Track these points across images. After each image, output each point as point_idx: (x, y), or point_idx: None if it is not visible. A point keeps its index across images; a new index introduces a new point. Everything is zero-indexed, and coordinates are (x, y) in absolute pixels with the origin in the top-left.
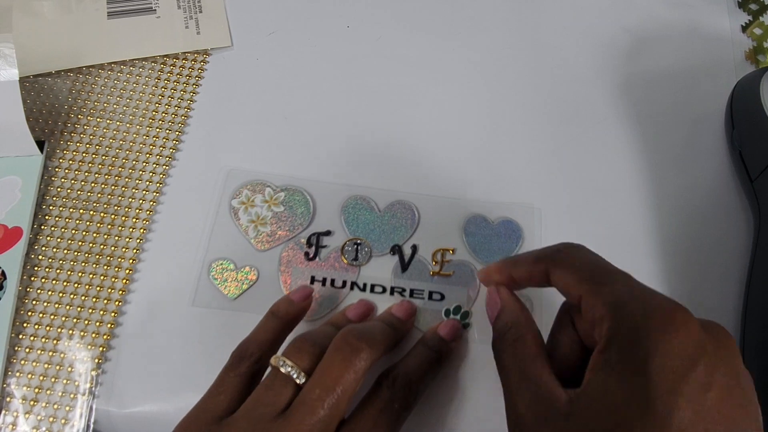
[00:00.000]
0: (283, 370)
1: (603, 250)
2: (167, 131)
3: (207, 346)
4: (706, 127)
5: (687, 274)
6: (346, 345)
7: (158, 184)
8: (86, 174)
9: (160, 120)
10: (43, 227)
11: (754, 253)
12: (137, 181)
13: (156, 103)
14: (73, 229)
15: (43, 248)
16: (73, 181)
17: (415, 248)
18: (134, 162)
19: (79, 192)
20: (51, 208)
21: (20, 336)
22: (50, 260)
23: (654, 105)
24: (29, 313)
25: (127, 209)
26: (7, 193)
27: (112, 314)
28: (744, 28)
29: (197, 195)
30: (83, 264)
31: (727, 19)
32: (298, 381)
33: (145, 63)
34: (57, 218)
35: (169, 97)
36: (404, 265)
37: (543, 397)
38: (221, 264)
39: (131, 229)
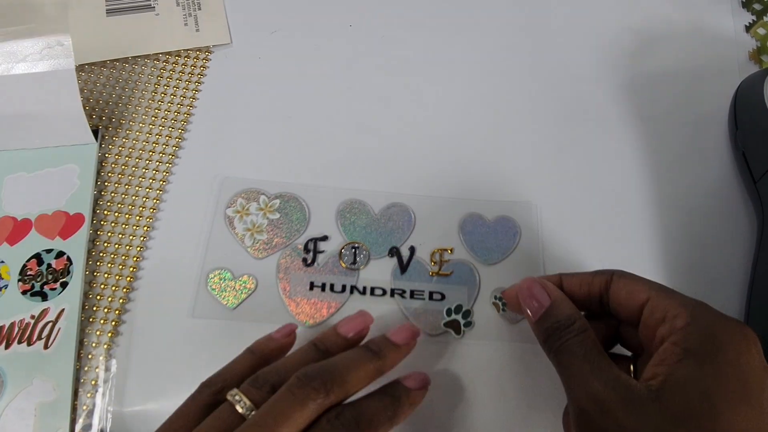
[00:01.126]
0: (231, 401)
1: (605, 250)
2: (167, 137)
3: (208, 355)
4: (710, 128)
5: (689, 274)
6: (299, 387)
7: (159, 191)
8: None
9: (160, 125)
10: None
11: (757, 254)
12: (137, 188)
13: (156, 108)
14: None
15: None
16: None
17: (413, 249)
18: (134, 168)
19: None
20: None
21: None
22: None
23: (657, 105)
24: None
25: (127, 216)
26: (67, 181)
27: (113, 323)
28: (748, 28)
29: (193, 204)
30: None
31: (730, 19)
32: (243, 414)
33: (146, 61)
34: None
35: (171, 95)
36: (403, 267)
37: (624, 382)
38: (219, 274)
39: (131, 237)
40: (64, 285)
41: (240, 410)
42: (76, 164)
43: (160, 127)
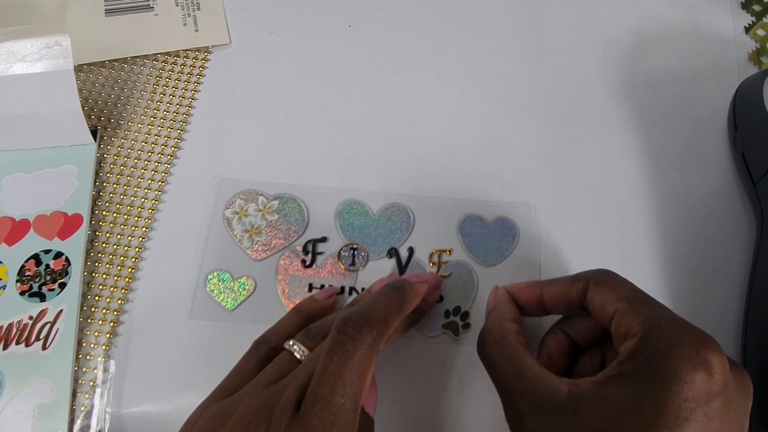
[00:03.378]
0: (289, 349)
1: (603, 251)
2: (166, 138)
3: (206, 356)
4: (709, 129)
5: (688, 276)
6: (340, 335)
7: (157, 192)
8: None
9: (159, 126)
10: None
11: (756, 256)
12: (136, 189)
13: (155, 108)
14: None
15: None
16: None
17: (411, 250)
18: (132, 169)
19: None
20: None
21: None
22: None
23: (656, 106)
24: None
25: (126, 217)
26: (65, 182)
27: (111, 324)
28: (747, 30)
29: (191, 205)
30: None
31: (730, 20)
32: (302, 359)
33: (145, 61)
34: None
35: (170, 95)
36: (402, 268)
37: (543, 392)
38: (218, 275)
39: (130, 238)
40: (62, 286)
41: (298, 356)
42: (75, 165)
43: (159, 128)
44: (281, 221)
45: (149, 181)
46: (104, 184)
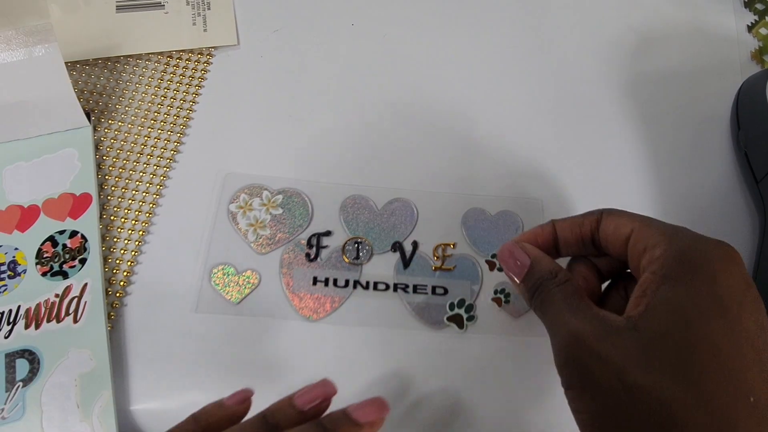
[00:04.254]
0: None
1: None
2: (169, 132)
3: (211, 350)
4: (712, 128)
5: None
6: None
7: (159, 186)
8: None
9: (162, 120)
10: None
11: (759, 254)
12: (137, 183)
13: (158, 104)
14: None
15: None
16: None
17: (415, 244)
18: (135, 163)
19: None
20: None
21: None
22: None
23: (659, 104)
24: None
25: (126, 211)
26: (67, 164)
27: (110, 316)
28: (750, 28)
29: (195, 199)
30: None
31: (733, 18)
32: None
33: (148, 63)
34: None
35: (174, 90)
36: (406, 262)
37: (602, 317)
38: (222, 269)
39: (130, 231)
40: (83, 261)
41: None
42: (74, 148)
43: (162, 123)
44: (285, 216)
45: (152, 176)
46: (106, 177)
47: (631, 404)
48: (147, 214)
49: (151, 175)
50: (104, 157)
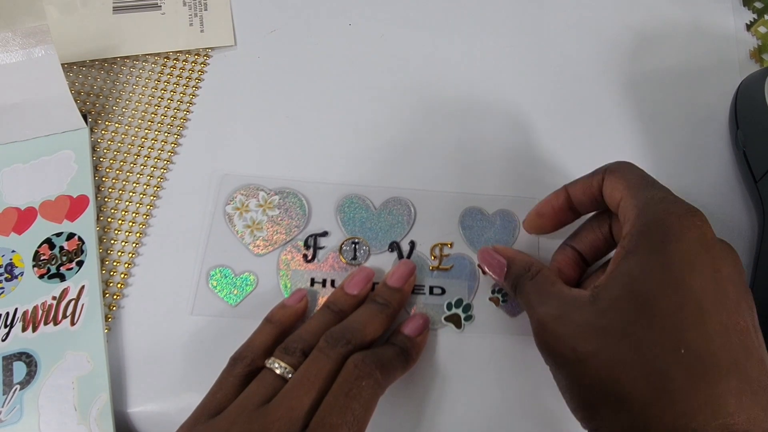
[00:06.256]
0: (271, 367)
1: None
2: (166, 133)
3: (208, 353)
4: (710, 127)
5: None
6: (329, 347)
7: (155, 188)
8: None
9: (159, 122)
10: None
11: (758, 254)
12: (134, 185)
13: (155, 105)
14: None
15: None
16: None
17: (413, 244)
18: (132, 165)
19: None
20: None
21: None
22: None
23: (657, 103)
24: None
25: (123, 213)
26: (64, 166)
27: (107, 319)
28: (749, 27)
29: (193, 201)
30: None
31: (731, 17)
32: (284, 376)
33: (145, 64)
34: None
35: (171, 91)
36: None
37: (566, 298)
38: (220, 271)
39: (127, 233)
40: (80, 264)
41: (279, 373)
42: (71, 150)
43: (159, 124)
44: (282, 216)
45: (148, 177)
46: (103, 179)
47: (585, 372)
48: (144, 216)
49: (148, 177)
50: (101, 159)
